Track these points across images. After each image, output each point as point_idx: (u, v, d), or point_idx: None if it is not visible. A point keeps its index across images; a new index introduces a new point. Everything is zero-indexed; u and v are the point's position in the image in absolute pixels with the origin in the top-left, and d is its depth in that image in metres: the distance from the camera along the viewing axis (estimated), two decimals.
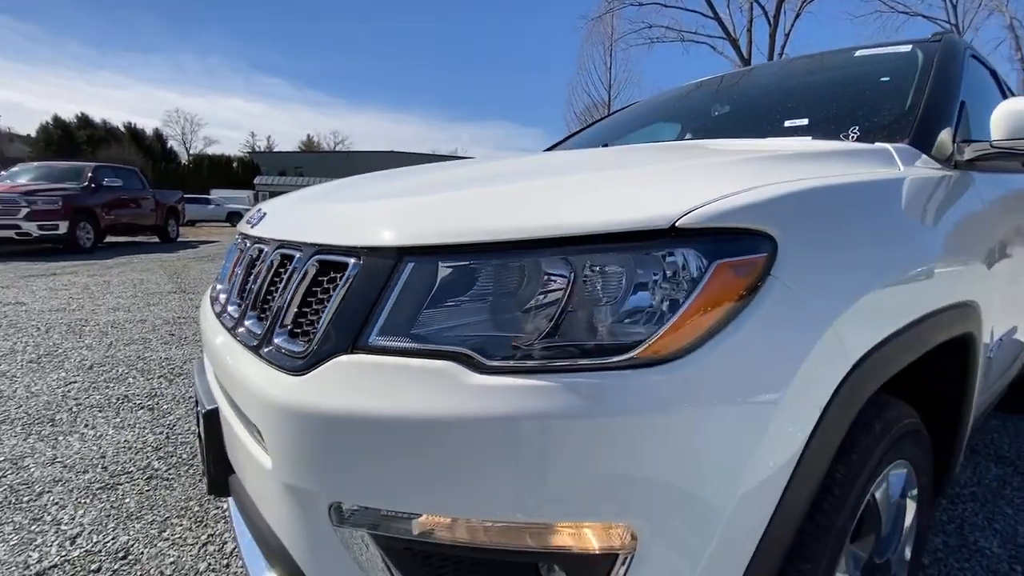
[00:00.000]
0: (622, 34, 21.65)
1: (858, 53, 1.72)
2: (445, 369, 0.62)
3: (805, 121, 1.41)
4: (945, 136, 1.20)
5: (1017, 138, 1.21)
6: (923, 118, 1.23)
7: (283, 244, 0.90)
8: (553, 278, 0.63)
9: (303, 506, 0.69)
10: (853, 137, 1.26)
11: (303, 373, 0.69)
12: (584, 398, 0.59)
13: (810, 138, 1.31)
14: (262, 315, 0.90)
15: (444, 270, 0.66)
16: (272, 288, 0.90)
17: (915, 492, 1.08)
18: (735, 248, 0.64)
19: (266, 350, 0.79)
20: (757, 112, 1.74)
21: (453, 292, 0.66)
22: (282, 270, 0.88)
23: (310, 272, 0.78)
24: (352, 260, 0.72)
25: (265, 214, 1.10)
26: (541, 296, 0.63)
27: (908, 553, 1.12)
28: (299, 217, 0.96)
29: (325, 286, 0.76)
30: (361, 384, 0.65)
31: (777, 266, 0.65)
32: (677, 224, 0.62)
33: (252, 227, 1.08)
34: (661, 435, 0.59)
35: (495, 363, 0.62)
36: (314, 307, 0.76)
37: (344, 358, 0.67)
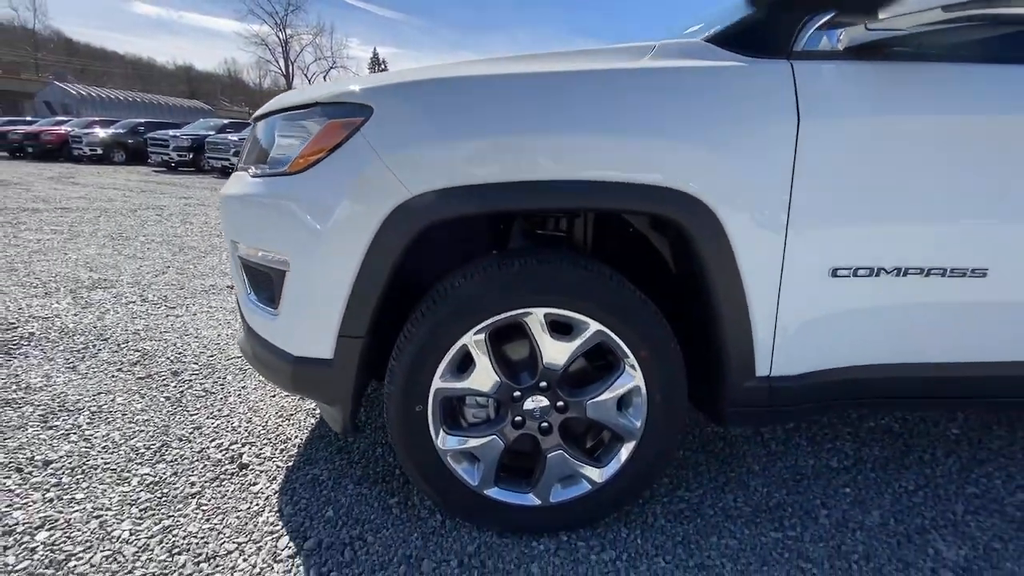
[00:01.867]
0: None
1: None
2: (242, 175, 1.34)
3: (699, 26, 1.41)
4: (774, 28, 1.14)
5: (896, 15, 1.04)
6: (760, 12, 1.16)
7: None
8: (275, 131, 1.25)
9: (227, 243, 1.50)
10: (703, 36, 1.26)
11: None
12: (267, 187, 1.23)
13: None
14: None
15: (256, 128, 1.35)
16: None
17: (632, 361, 1.21)
18: (343, 112, 1.12)
19: None
20: None
21: (252, 142, 1.36)
22: None
23: None
24: (250, 123, 1.48)
25: None
26: (268, 141, 1.26)
27: (636, 422, 1.26)
28: None
29: None
30: (233, 181, 1.41)
31: (367, 126, 1.09)
32: (317, 99, 1.15)
33: None
34: (292, 208, 1.16)
35: (252, 172, 1.30)
36: None
37: (238, 172, 1.45)
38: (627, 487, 1.31)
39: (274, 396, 2.01)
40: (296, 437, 1.74)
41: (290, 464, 1.59)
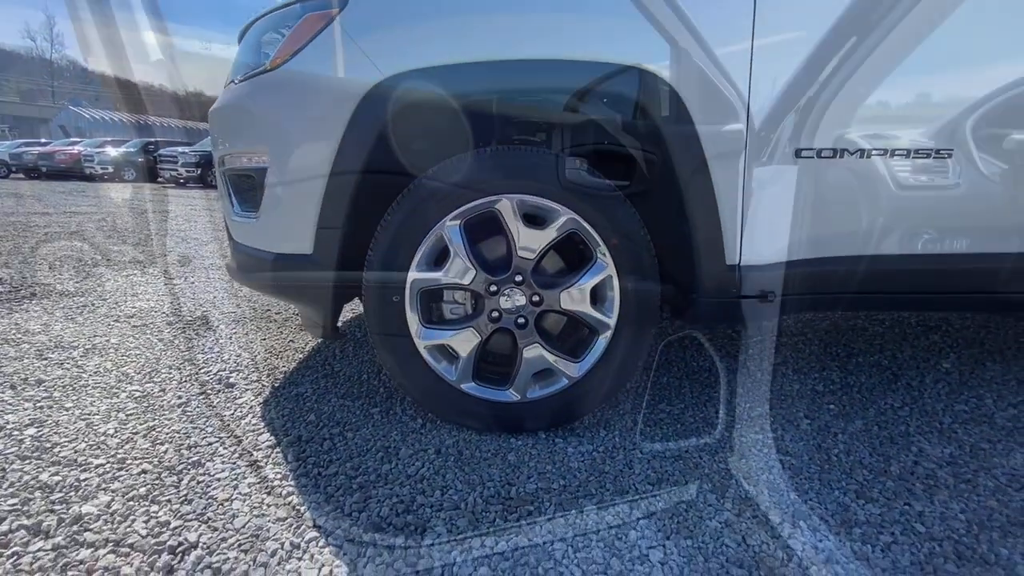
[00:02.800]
0: None
1: None
2: (229, 86, 1.39)
3: None
4: None
5: None
6: None
7: None
8: (258, 37, 1.31)
9: (216, 164, 1.55)
10: None
11: None
12: (249, 87, 1.28)
13: None
14: None
15: (241, 43, 1.41)
16: None
17: (604, 250, 1.24)
18: (320, 5, 1.18)
19: None
20: None
21: (238, 56, 1.41)
22: None
23: None
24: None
25: None
26: (251, 48, 1.33)
27: (610, 315, 1.27)
28: None
29: None
30: (221, 96, 1.46)
31: (342, 15, 1.15)
32: None
33: None
34: (272, 101, 1.22)
35: (237, 80, 1.34)
36: None
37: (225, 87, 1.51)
38: (603, 383, 1.31)
39: (264, 339, 2.04)
40: (284, 367, 1.76)
41: (276, 384, 1.61)
